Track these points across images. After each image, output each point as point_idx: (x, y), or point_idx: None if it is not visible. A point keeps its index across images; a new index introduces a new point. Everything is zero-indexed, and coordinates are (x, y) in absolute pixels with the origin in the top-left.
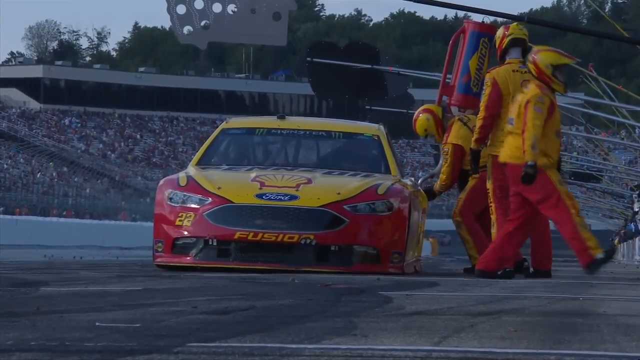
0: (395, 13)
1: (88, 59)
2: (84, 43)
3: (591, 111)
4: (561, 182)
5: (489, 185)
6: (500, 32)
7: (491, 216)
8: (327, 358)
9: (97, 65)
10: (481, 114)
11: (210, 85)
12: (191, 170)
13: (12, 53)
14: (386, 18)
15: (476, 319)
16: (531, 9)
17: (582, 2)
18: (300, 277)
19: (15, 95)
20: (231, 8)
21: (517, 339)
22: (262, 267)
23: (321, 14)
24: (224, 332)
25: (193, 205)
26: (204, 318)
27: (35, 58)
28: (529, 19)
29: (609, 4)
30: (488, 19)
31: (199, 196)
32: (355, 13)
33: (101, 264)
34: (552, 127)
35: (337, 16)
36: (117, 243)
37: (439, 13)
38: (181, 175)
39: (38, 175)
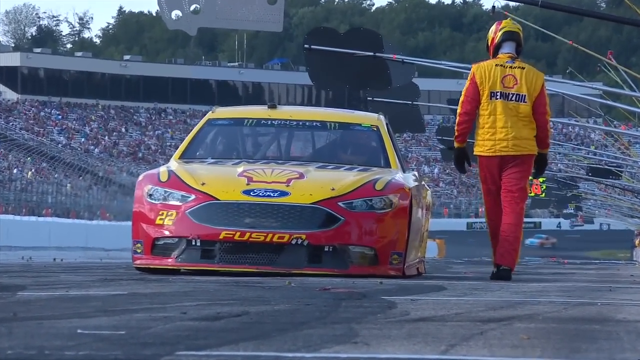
0: None
1: (69, 46)
2: (64, 29)
3: (610, 102)
4: None
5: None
6: (492, 27)
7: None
8: None
9: (79, 53)
10: (458, 109)
11: (201, 75)
12: (173, 164)
13: None
14: (390, 2)
15: (486, 325)
16: None
17: None
18: (297, 281)
19: None
20: None
21: (530, 347)
22: (250, 270)
23: None
24: (215, 340)
25: (175, 203)
26: (194, 325)
27: (12, 45)
28: (543, 4)
29: None
30: (499, 3)
31: (182, 192)
32: None
33: (83, 267)
34: None
35: (337, 0)
36: (101, 244)
37: None
38: (162, 169)
39: (15, 172)
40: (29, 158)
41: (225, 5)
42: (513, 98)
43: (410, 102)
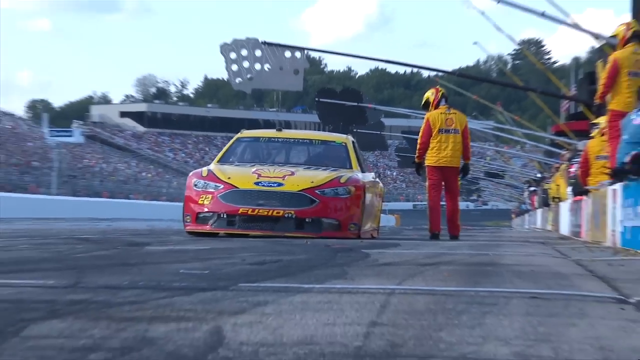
0: (372, 69)
1: (175, 98)
2: (172, 88)
3: (498, 133)
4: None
5: (427, 184)
6: (432, 91)
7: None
8: (328, 293)
9: (181, 103)
10: (419, 140)
11: (253, 116)
12: (212, 165)
13: (126, 95)
14: (367, 72)
15: (424, 268)
16: (460, 66)
17: (493, 62)
18: (312, 241)
19: (128, 122)
20: (267, 66)
21: (449, 280)
22: (258, 233)
23: (324, 69)
24: (262, 277)
25: (211, 190)
26: (249, 267)
27: (142, 98)
28: (459, 74)
29: (510, 64)
30: (432, 73)
31: (215, 183)
32: (347, 68)
33: (184, 232)
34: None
35: (335, 70)
36: None
37: (401, 69)
38: (204, 169)
39: (143, 174)
40: (151, 166)
41: (268, 76)
42: (452, 131)
43: (378, 132)
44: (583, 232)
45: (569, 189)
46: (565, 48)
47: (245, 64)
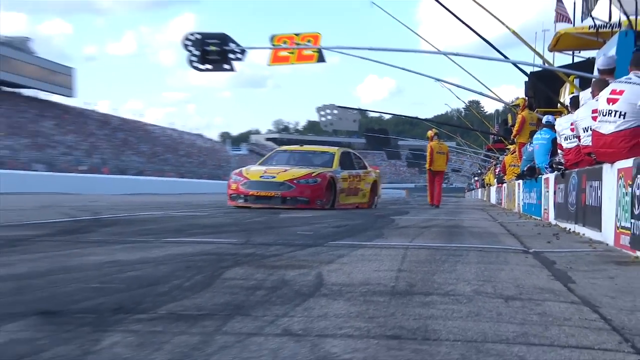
0: (393, 116)
1: (293, 131)
2: (291, 126)
3: (458, 150)
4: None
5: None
6: (432, 132)
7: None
8: (375, 248)
9: (295, 133)
10: (428, 157)
11: (332, 139)
12: (245, 167)
13: (268, 129)
14: (390, 117)
15: (423, 229)
16: (437, 114)
17: (455, 113)
18: (364, 212)
19: (270, 143)
20: (339, 117)
21: (436, 238)
22: (261, 206)
23: (368, 116)
24: (340, 236)
25: (238, 180)
26: (333, 230)
27: (276, 130)
28: (437, 121)
29: (463, 113)
30: (416, 121)
31: (240, 177)
32: (379, 116)
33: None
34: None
35: (374, 117)
36: None
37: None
38: (240, 169)
39: None
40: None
41: (340, 122)
42: (442, 153)
43: (396, 150)
44: (503, 203)
45: (495, 180)
46: (492, 105)
47: (329, 116)
